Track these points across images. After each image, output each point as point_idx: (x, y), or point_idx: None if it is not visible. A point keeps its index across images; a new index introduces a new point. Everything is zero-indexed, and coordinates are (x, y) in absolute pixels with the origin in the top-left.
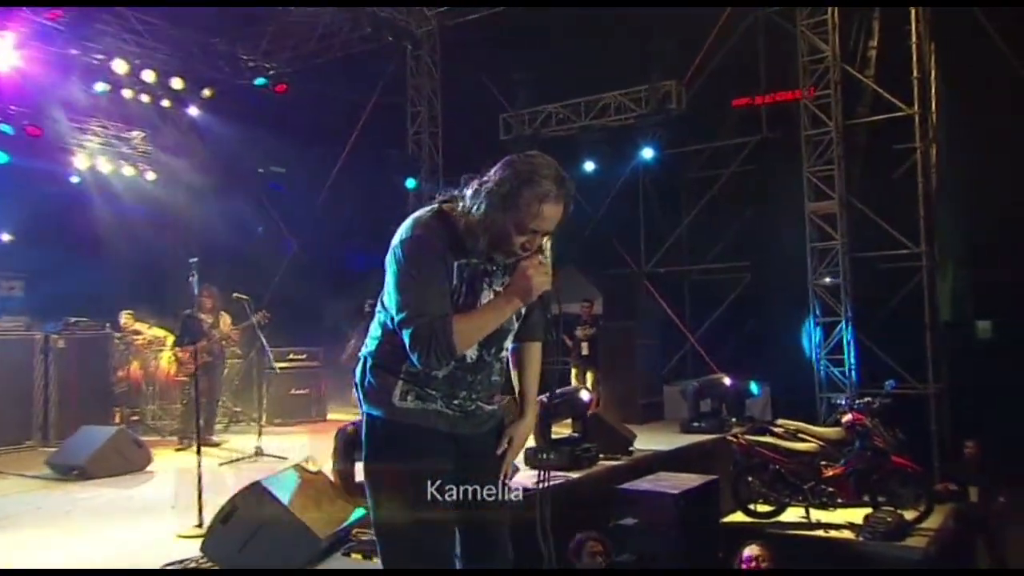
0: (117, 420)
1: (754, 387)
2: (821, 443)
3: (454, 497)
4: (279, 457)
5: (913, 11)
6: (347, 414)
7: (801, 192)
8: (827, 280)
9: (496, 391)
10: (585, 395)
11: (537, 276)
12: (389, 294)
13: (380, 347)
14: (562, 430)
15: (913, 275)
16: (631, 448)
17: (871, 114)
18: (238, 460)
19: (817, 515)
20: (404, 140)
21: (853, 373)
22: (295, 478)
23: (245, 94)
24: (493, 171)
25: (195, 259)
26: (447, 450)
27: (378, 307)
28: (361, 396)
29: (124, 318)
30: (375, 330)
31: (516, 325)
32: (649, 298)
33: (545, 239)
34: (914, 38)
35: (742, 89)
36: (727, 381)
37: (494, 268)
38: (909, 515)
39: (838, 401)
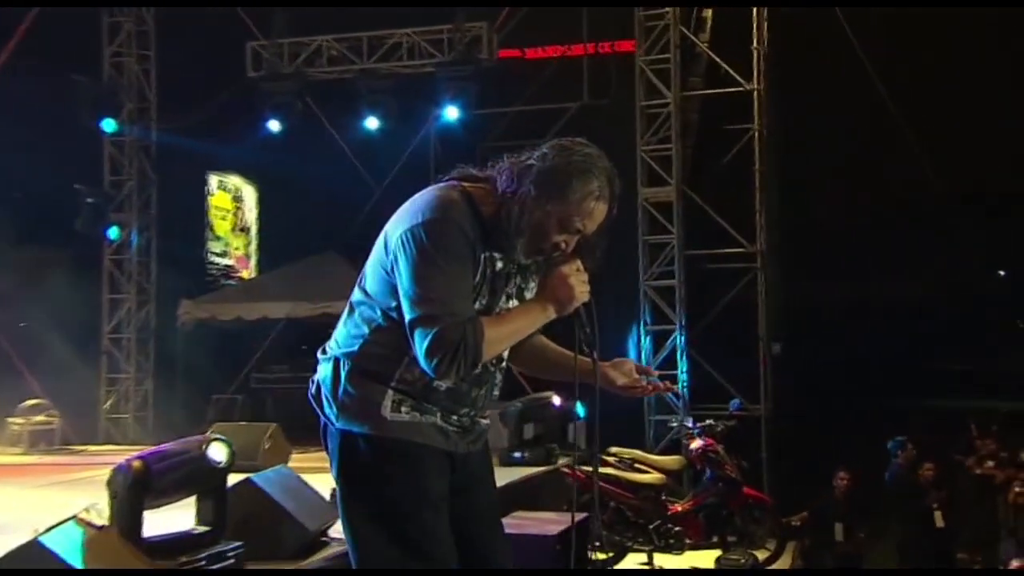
0: None
1: (580, 408)
2: (663, 475)
3: (453, 525)
4: None
5: None
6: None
7: (630, 174)
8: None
9: (490, 405)
10: None
11: (579, 285)
12: (385, 282)
13: (365, 348)
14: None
15: (742, 277)
16: None
17: (705, 87)
18: None
19: (660, 560)
20: (98, 63)
21: (686, 391)
22: (80, 535)
23: None
24: (536, 154)
25: None
26: (445, 471)
27: (357, 297)
28: (334, 409)
29: None
30: (357, 327)
31: None
32: None
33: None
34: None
35: (562, 39)
36: (556, 401)
37: (512, 267)
38: (761, 555)
39: (680, 423)
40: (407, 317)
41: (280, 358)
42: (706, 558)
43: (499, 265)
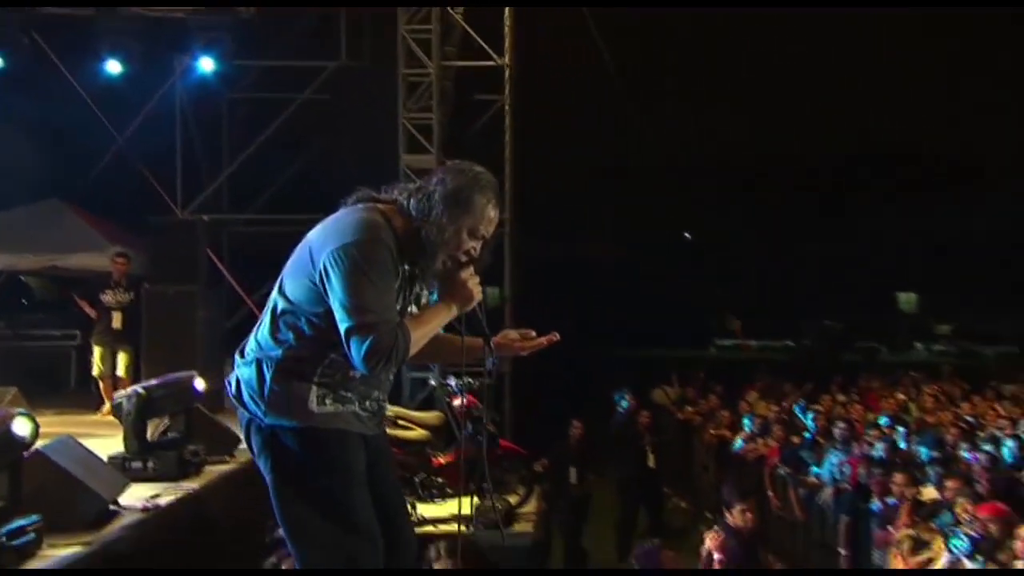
0: None
1: None
2: (426, 430)
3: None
4: None
5: None
6: None
7: (390, 140)
8: None
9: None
10: (200, 383)
11: (475, 287)
12: (311, 291)
13: (290, 351)
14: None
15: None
16: (237, 448)
17: (459, 58)
18: None
19: (422, 509)
20: None
21: None
22: None
23: None
24: (436, 178)
25: None
26: (361, 450)
27: (280, 304)
28: (262, 407)
29: None
30: (282, 332)
31: None
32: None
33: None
34: None
35: None
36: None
37: (418, 274)
38: (513, 499)
39: (441, 383)
40: (343, 325)
41: None
42: (465, 505)
43: (407, 274)
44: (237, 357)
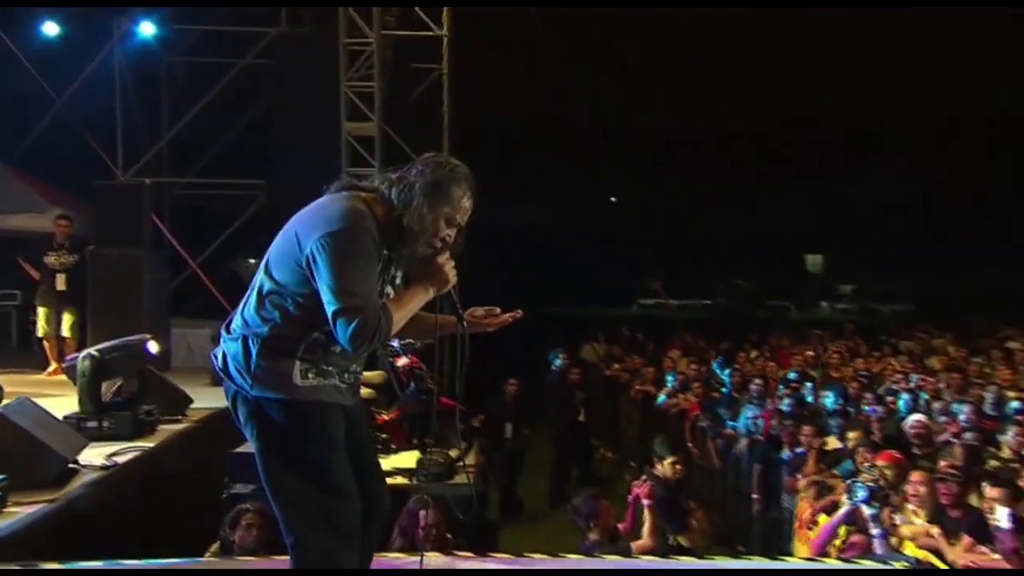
0: None
1: None
2: (371, 389)
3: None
4: None
5: None
6: None
7: (332, 107)
8: None
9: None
10: (153, 346)
11: (450, 271)
12: (297, 273)
13: (275, 329)
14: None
15: None
16: (191, 407)
17: (399, 27)
18: None
19: None
20: None
21: None
22: None
23: None
24: (416, 170)
25: None
26: (341, 420)
27: (266, 285)
28: (248, 380)
29: None
30: (268, 311)
31: None
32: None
33: None
34: None
35: None
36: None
37: (395, 258)
38: (454, 453)
39: (386, 343)
40: (331, 308)
41: None
42: (409, 459)
43: (386, 259)
44: (223, 332)
